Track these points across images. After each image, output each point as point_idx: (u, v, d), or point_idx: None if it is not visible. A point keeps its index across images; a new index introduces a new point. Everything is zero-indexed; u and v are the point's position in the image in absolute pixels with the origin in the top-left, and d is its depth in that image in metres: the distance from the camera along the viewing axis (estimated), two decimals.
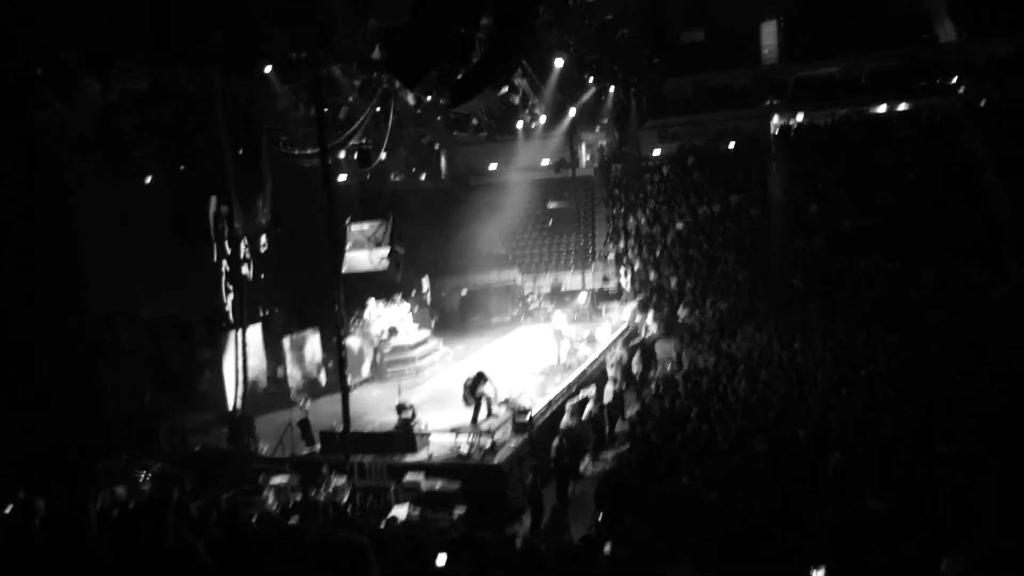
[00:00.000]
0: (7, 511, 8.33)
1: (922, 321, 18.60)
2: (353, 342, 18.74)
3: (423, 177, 27.09)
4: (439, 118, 19.30)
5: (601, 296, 25.79)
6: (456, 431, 14.08)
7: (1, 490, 9.06)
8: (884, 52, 30.86)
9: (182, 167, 15.12)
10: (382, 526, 10.13)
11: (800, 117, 31.57)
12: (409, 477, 12.77)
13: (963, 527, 7.13)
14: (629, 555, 5.97)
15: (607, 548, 6.82)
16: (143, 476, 13.07)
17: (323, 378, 18.91)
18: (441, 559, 6.56)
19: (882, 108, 30.66)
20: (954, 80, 29.64)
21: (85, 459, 12.64)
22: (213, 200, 16.26)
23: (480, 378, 14.83)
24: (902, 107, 30.37)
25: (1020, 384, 12.72)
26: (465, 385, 14.95)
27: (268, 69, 14.69)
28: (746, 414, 12.75)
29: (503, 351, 18.31)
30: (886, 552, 6.90)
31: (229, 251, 16.34)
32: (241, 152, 16.51)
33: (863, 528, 6.48)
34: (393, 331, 20.66)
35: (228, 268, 16.31)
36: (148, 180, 15.61)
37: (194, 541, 4.46)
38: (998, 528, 6.84)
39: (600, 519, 10.37)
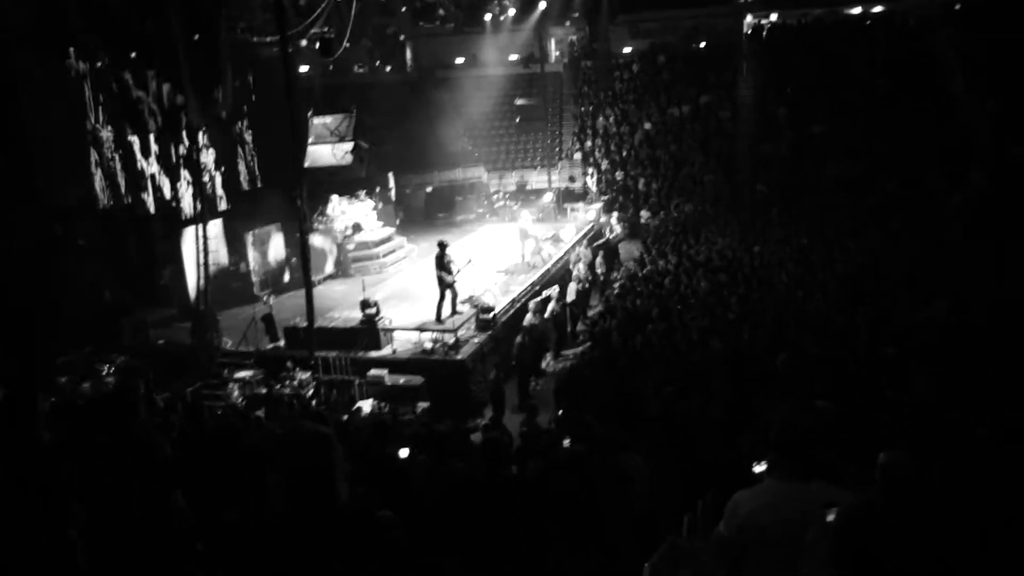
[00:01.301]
0: None
1: (881, 226, 18.91)
2: (316, 238, 18.58)
3: (388, 69, 26.28)
4: (404, 8, 18.59)
5: (567, 196, 25.71)
6: (420, 327, 14.22)
7: None
8: None
9: (132, 54, 14.48)
10: (346, 418, 10.33)
11: (774, 16, 30.97)
12: (373, 372, 12.94)
13: (901, 427, 7.49)
14: (586, 447, 6.17)
15: (565, 442, 7.04)
16: (106, 369, 13.07)
17: (287, 274, 18.83)
18: (403, 452, 6.74)
19: (857, 9, 30.16)
20: None
21: (45, 354, 12.57)
22: (166, 88, 15.72)
23: (441, 246, 14.62)
24: (877, 9, 29.89)
25: (966, 292, 13.11)
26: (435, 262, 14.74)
27: None
28: (705, 315, 13.02)
29: (468, 249, 18.28)
30: (829, 449, 7.23)
31: (186, 141, 15.92)
32: (196, 38, 15.88)
33: (808, 426, 6.72)
34: (357, 227, 20.49)
35: (185, 159, 15.92)
36: (98, 66, 14.97)
37: (157, 435, 4.49)
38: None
39: (559, 415, 10.67)
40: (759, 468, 4.40)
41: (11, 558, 3.05)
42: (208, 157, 17.27)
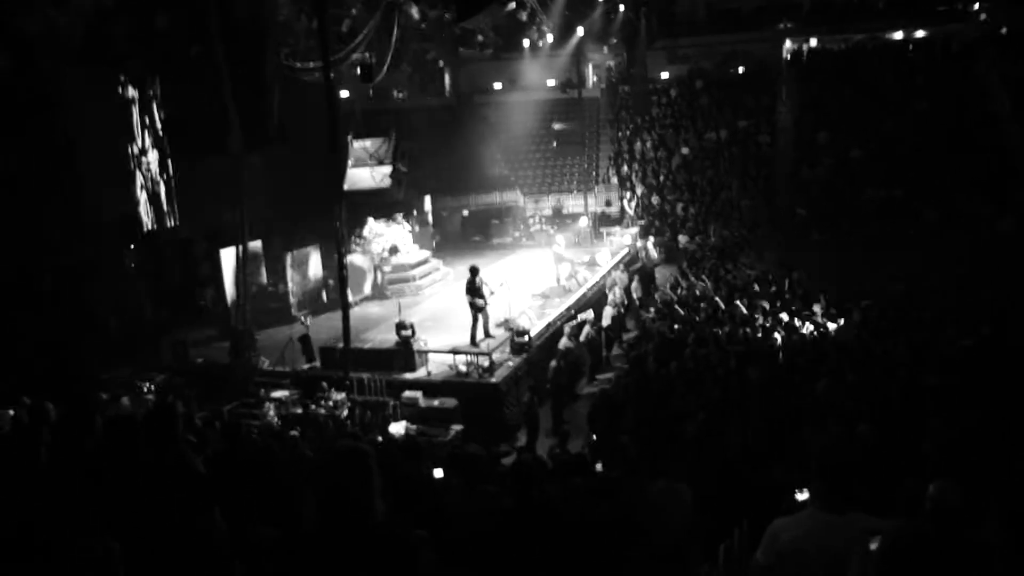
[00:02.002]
0: (15, 415, 8.53)
1: (924, 252, 18.59)
2: (354, 260, 18.77)
3: (427, 95, 26.60)
4: (444, 34, 18.84)
5: (603, 220, 25.69)
6: (455, 350, 14.25)
7: (6, 399, 9.24)
8: None
9: (178, 78, 14.85)
10: (380, 439, 10.36)
11: (813, 42, 30.79)
12: (407, 394, 12.98)
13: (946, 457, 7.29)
14: (620, 472, 6.12)
15: (598, 466, 6.98)
16: (147, 387, 13.29)
17: (324, 295, 19.02)
18: (438, 472, 6.74)
19: (899, 35, 29.86)
20: (976, 5, 28.77)
21: (88, 370, 12.82)
22: (212, 112, 16.04)
23: (473, 272, 14.70)
24: (919, 34, 29.56)
25: (1014, 320, 12.80)
26: (467, 287, 14.81)
27: None
28: (742, 341, 12.88)
29: (503, 272, 18.36)
30: (871, 477, 7.07)
31: (230, 164, 16.22)
32: (243, 63, 16.23)
33: (850, 453, 6.60)
34: (394, 250, 20.66)
35: (228, 181, 16.21)
36: (148, 91, 15.37)
37: (192, 455, 4.55)
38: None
39: (593, 439, 10.60)
40: (801, 496, 4.33)
41: (58, 570, 3.11)
42: (250, 179, 17.54)
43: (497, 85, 31.43)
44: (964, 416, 8.38)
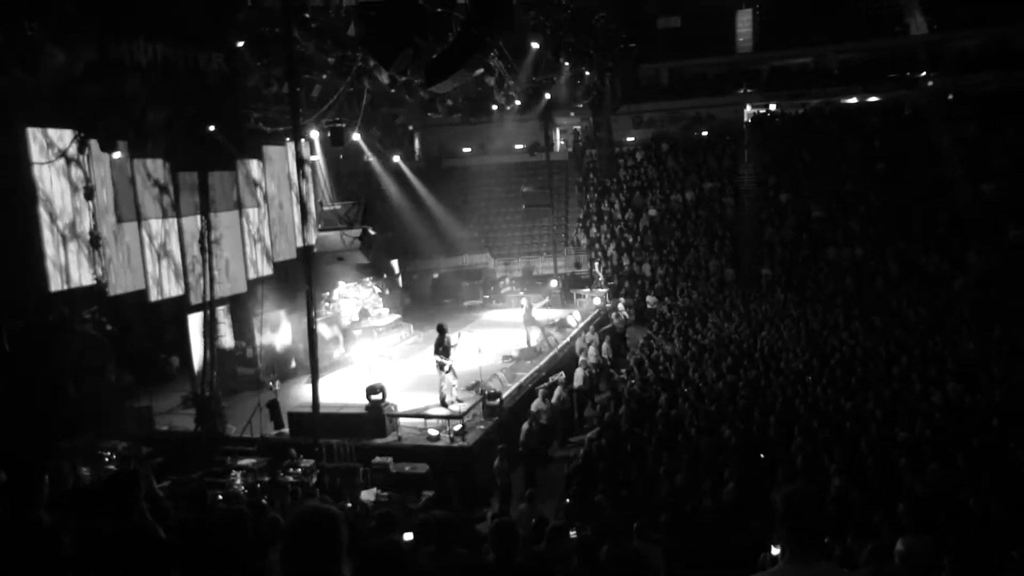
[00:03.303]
0: None
1: (886, 310, 18.92)
2: (323, 327, 18.60)
3: (396, 158, 26.88)
4: (413, 98, 19.11)
5: (573, 281, 25.86)
6: (426, 414, 14.09)
7: None
8: (856, 43, 31.24)
9: (149, 141, 14.86)
10: (349, 506, 10.13)
11: (773, 106, 31.82)
12: (378, 460, 12.75)
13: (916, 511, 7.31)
14: (597, 532, 6.02)
15: (572, 533, 6.87)
16: (108, 456, 12.91)
17: (293, 360, 18.77)
18: (408, 536, 6.57)
19: (853, 99, 30.99)
20: (923, 73, 30.03)
21: (48, 436, 12.43)
22: (180, 175, 16.05)
23: (440, 330, 14.71)
24: (872, 99, 30.71)
25: (978, 373, 13.00)
26: (435, 346, 14.78)
27: (240, 44, 14.46)
28: (713, 400, 12.90)
29: (477, 336, 18.30)
30: (841, 529, 7.05)
31: (200, 227, 16.14)
32: (212, 128, 16.32)
33: (815, 498, 6.61)
34: (364, 313, 20.56)
35: (198, 245, 16.11)
36: (116, 155, 15.32)
37: (152, 522, 4.41)
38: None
39: (568, 502, 10.46)
40: (775, 550, 4.29)
41: None
42: (218, 243, 17.47)
43: (466, 148, 31.90)
44: (934, 471, 8.42)
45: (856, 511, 7.76)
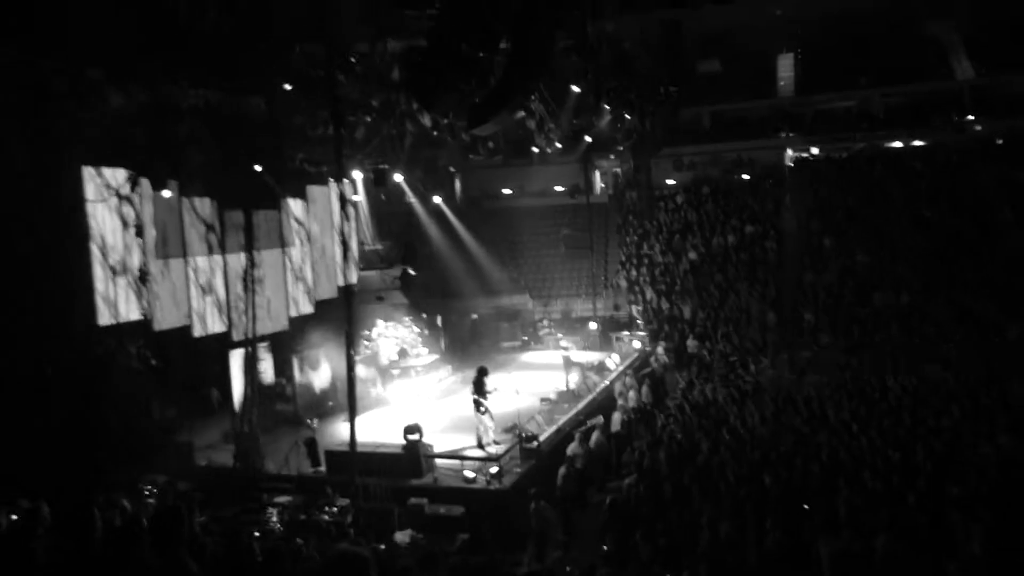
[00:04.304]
0: (12, 519, 8.32)
1: (936, 359, 18.42)
2: (361, 364, 18.70)
3: (437, 199, 27.19)
4: (455, 140, 19.38)
5: (612, 324, 25.68)
6: (462, 455, 14.00)
7: (5, 500, 9.04)
8: (900, 87, 30.93)
9: (197, 180, 15.26)
10: (383, 548, 10.05)
11: (815, 150, 31.58)
12: (413, 501, 12.67)
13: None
14: None
15: None
16: (148, 490, 13.02)
17: (331, 397, 18.85)
18: None
19: (897, 143, 30.62)
20: (970, 117, 29.60)
21: (91, 471, 12.59)
22: (228, 213, 16.41)
23: (481, 372, 14.74)
24: (917, 143, 30.31)
25: None
26: (472, 387, 14.80)
27: (287, 87, 14.85)
28: (756, 447, 12.63)
29: (515, 378, 18.26)
30: None
31: (244, 265, 16.44)
32: (258, 168, 16.70)
33: (862, 561, 6.37)
34: (403, 353, 20.62)
35: (242, 283, 16.39)
36: (166, 193, 15.74)
37: (189, 560, 4.42)
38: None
39: (605, 549, 10.26)
40: None
41: None
42: (261, 280, 17.77)
43: (507, 190, 32.13)
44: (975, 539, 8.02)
45: (904, 569, 7.47)
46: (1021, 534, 8.16)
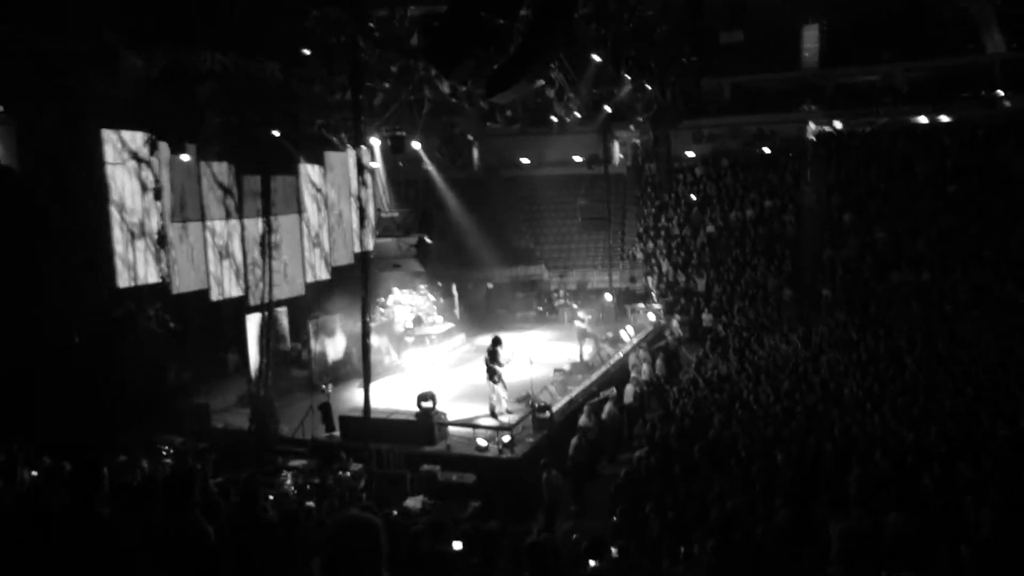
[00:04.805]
0: (34, 475, 8.50)
1: (954, 337, 18.25)
2: (377, 329, 18.79)
3: (455, 166, 27.07)
4: (473, 108, 19.21)
5: (627, 296, 25.63)
6: (475, 424, 14.09)
7: (29, 457, 9.23)
8: (927, 61, 30.33)
9: (215, 145, 15.28)
10: (395, 514, 10.17)
11: (838, 124, 31.08)
12: (425, 467, 12.79)
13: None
14: (640, 557, 5.92)
15: (614, 550, 6.77)
16: (166, 450, 13.23)
17: (346, 363, 19.00)
18: (457, 545, 6.58)
19: (923, 119, 30.09)
20: (1000, 92, 28.99)
21: (109, 430, 12.80)
22: (246, 178, 16.43)
23: (495, 342, 14.79)
24: (943, 118, 29.77)
25: None
26: (487, 356, 14.87)
27: (306, 52, 14.76)
28: (769, 423, 12.62)
29: (529, 347, 18.31)
30: (897, 566, 6.79)
31: (262, 230, 16.51)
32: (276, 133, 16.69)
33: (871, 536, 6.37)
34: (418, 320, 20.70)
35: (259, 247, 16.46)
36: (185, 157, 15.78)
37: (204, 523, 4.49)
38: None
39: (615, 519, 10.33)
40: None
41: None
42: (278, 246, 17.85)
43: (524, 159, 31.95)
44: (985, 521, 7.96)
45: (915, 549, 7.47)
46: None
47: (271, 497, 10.87)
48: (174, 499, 4.57)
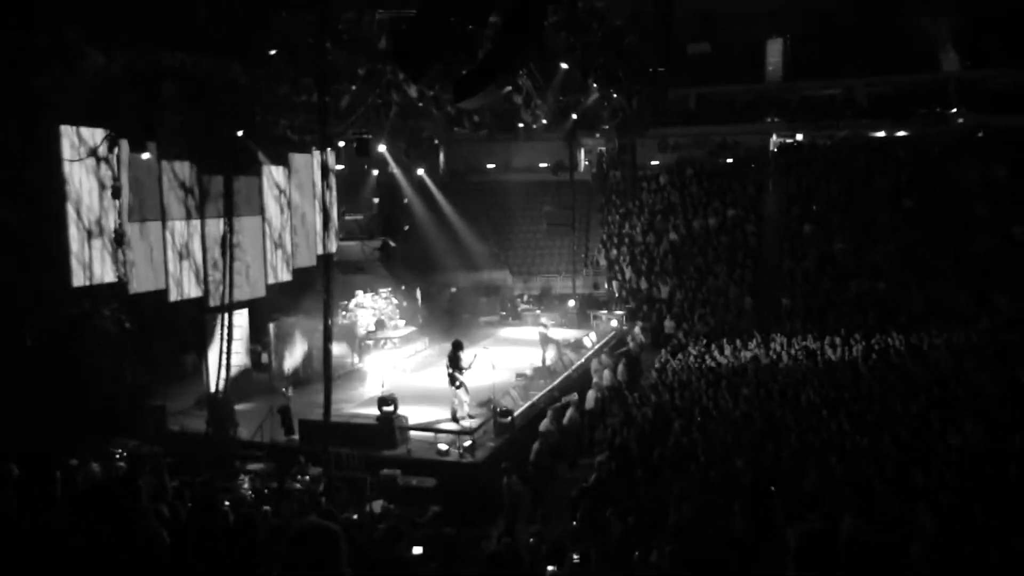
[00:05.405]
0: None
1: (909, 346, 18.66)
2: (339, 332, 18.62)
3: (420, 171, 27.02)
4: (440, 112, 19.21)
5: (591, 302, 25.77)
6: (436, 428, 14.05)
7: None
8: (887, 77, 31.06)
9: (177, 144, 15.06)
10: (354, 518, 10.10)
11: (800, 136, 31.68)
12: (386, 471, 12.71)
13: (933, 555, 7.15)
14: (600, 562, 5.95)
15: (575, 556, 6.81)
16: (119, 454, 12.95)
17: (307, 367, 18.79)
18: (416, 550, 6.55)
19: (881, 133, 30.78)
20: (954, 110, 29.79)
21: (62, 433, 12.51)
22: (202, 177, 16.21)
23: (456, 346, 14.77)
24: (901, 133, 30.49)
25: (999, 420, 12.76)
26: (448, 360, 14.83)
27: (273, 53, 14.64)
28: (728, 429, 12.77)
29: (492, 353, 18.26)
30: (853, 570, 6.91)
31: (223, 231, 16.28)
32: (240, 133, 16.49)
33: (829, 539, 6.46)
34: (380, 324, 20.59)
35: (219, 248, 16.23)
36: (145, 155, 15.51)
37: (157, 526, 4.41)
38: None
39: (575, 524, 10.36)
40: None
41: None
42: (240, 246, 17.62)
43: (490, 165, 32.00)
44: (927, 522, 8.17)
45: (869, 553, 7.61)
46: (978, 523, 8.34)
47: (228, 502, 10.71)
48: (120, 504, 4.48)
